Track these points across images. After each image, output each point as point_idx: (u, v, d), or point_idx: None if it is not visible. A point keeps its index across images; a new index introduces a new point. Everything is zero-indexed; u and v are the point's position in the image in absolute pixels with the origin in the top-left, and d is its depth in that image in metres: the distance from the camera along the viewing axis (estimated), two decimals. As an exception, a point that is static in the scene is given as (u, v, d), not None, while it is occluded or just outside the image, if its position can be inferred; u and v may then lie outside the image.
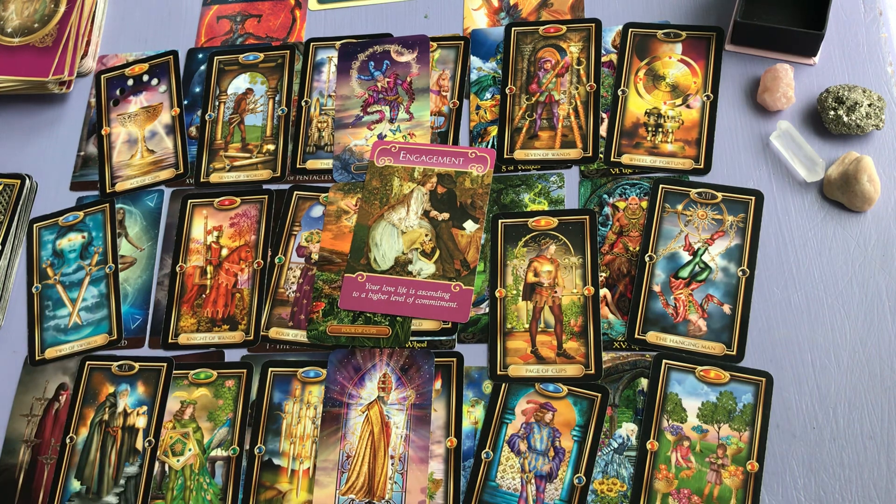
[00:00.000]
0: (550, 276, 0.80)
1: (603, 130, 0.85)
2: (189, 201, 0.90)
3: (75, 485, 0.80)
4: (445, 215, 0.84)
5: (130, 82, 0.99)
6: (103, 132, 0.96)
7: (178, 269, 0.87)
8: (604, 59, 0.88)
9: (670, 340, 0.76)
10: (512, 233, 0.82)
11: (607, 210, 0.82)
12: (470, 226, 0.83)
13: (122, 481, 0.79)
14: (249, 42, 0.98)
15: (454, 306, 0.80)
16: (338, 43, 0.95)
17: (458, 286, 0.81)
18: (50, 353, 0.87)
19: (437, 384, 0.78)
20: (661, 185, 0.81)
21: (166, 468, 0.79)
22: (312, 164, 0.90)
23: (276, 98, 0.94)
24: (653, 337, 0.76)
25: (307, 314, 0.82)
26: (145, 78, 0.98)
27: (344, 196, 0.87)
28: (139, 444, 0.81)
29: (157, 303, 0.87)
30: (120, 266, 0.89)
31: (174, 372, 0.83)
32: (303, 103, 0.93)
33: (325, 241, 0.85)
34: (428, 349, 0.79)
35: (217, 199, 0.90)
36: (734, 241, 0.78)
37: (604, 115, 0.86)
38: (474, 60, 0.91)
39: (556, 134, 0.86)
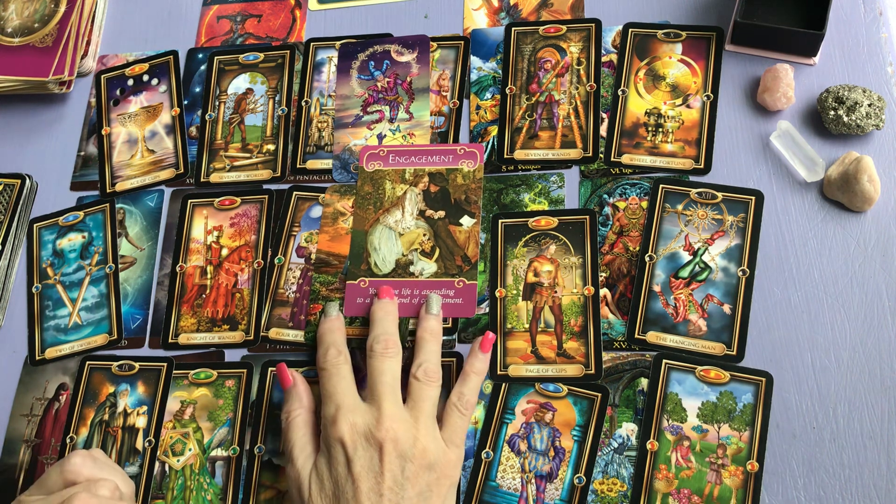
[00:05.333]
0: (550, 276, 0.80)
1: (603, 130, 0.85)
2: (189, 201, 0.90)
3: (75, 485, 0.80)
4: (441, 213, 0.84)
5: (130, 82, 0.99)
6: (103, 132, 0.97)
7: (178, 269, 0.87)
8: (604, 59, 0.88)
9: (670, 340, 0.76)
10: (512, 233, 0.82)
11: (607, 210, 0.82)
12: (467, 221, 0.83)
13: (122, 481, 0.79)
14: (249, 42, 0.99)
15: (460, 302, 0.80)
16: (338, 43, 0.95)
17: (462, 282, 0.81)
18: (50, 353, 0.87)
19: (437, 384, 0.78)
20: (661, 185, 0.81)
21: (166, 468, 0.80)
22: (312, 164, 0.90)
23: (277, 98, 0.94)
24: (653, 337, 0.76)
25: (307, 315, 0.82)
26: (145, 78, 0.98)
27: (340, 198, 0.87)
28: (139, 444, 0.81)
29: (157, 303, 0.87)
30: (120, 266, 0.89)
31: (174, 372, 0.83)
32: (303, 103, 0.93)
33: (321, 243, 0.85)
34: (428, 349, 0.79)
35: (217, 199, 0.90)
36: (734, 241, 0.78)
37: (604, 115, 0.86)
38: (474, 60, 0.91)
39: (556, 134, 0.86)
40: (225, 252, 0.87)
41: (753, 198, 0.79)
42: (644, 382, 0.75)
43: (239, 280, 0.86)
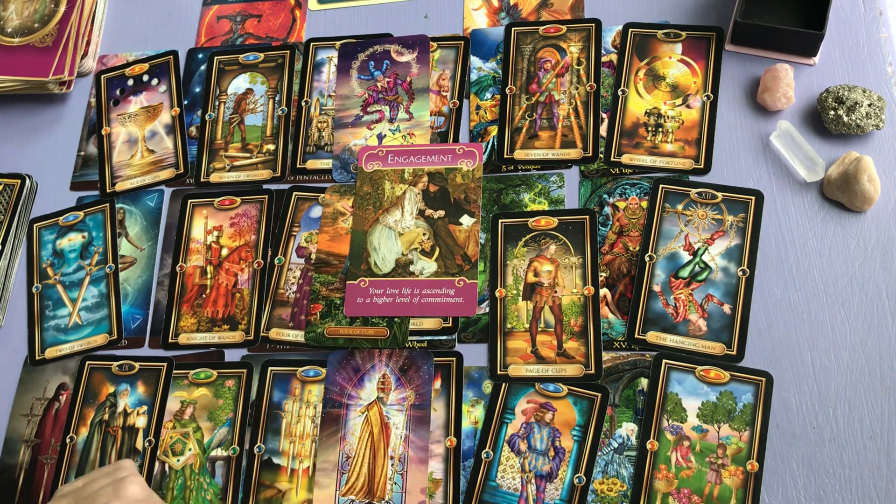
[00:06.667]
0: (550, 276, 0.80)
1: (603, 130, 0.85)
2: (189, 201, 0.90)
3: (75, 485, 0.80)
4: (441, 213, 0.84)
5: (130, 82, 0.99)
6: (103, 132, 0.97)
7: (178, 268, 0.87)
8: (604, 59, 0.88)
9: (670, 340, 0.76)
10: (512, 233, 0.82)
11: (607, 210, 0.82)
12: (466, 220, 0.83)
13: (122, 481, 0.79)
14: (249, 42, 0.99)
15: (460, 301, 0.80)
16: (338, 43, 0.95)
17: (462, 281, 0.81)
18: (50, 352, 0.87)
19: (437, 384, 0.78)
20: (661, 185, 0.81)
21: (166, 468, 0.79)
22: (312, 164, 0.90)
23: (276, 98, 0.94)
24: (653, 337, 0.76)
25: (307, 315, 0.82)
26: (145, 78, 0.98)
27: (340, 198, 0.87)
28: (139, 444, 0.81)
29: (157, 303, 0.87)
30: (120, 266, 0.89)
31: (174, 372, 0.83)
32: (303, 103, 0.93)
33: (321, 243, 0.85)
34: (427, 349, 0.79)
35: (217, 199, 0.90)
36: (734, 241, 0.78)
37: (604, 115, 0.86)
38: (474, 60, 0.91)
39: (556, 134, 0.86)
40: (225, 252, 0.87)
41: (753, 198, 0.79)
42: (644, 382, 0.75)
43: (239, 280, 0.86)
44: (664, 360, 0.75)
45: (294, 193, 0.88)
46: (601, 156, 0.84)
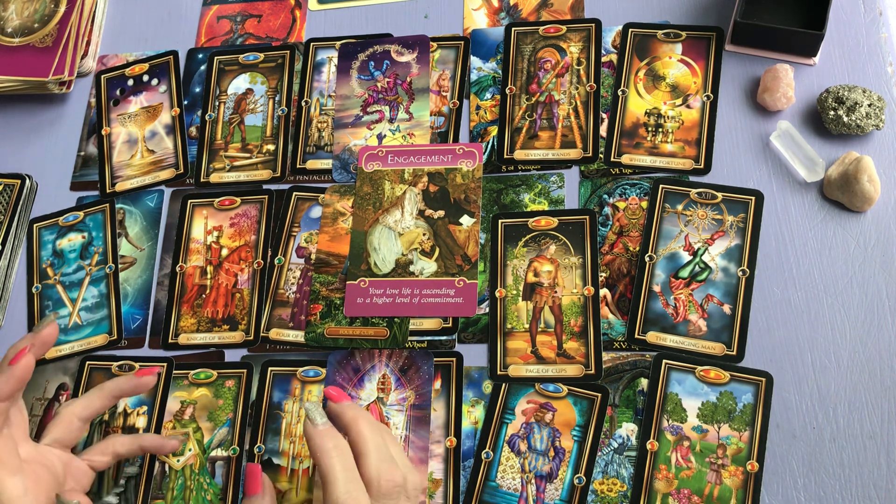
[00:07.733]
0: (550, 276, 0.80)
1: (603, 130, 0.85)
2: (189, 201, 0.90)
3: (75, 485, 0.80)
4: (441, 213, 0.84)
5: (130, 82, 0.99)
6: (103, 132, 0.97)
7: (178, 269, 0.87)
8: (604, 59, 0.88)
9: (670, 340, 0.76)
10: (512, 233, 0.82)
11: (607, 210, 0.82)
12: (466, 220, 0.83)
13: (122, 481, 0.79)
14: (249, 42, 0.99)
15: (461, 301, 0.80)
16: (338, 43, 0.95)
17: (462, 281, 0.81)
18: (50, 353, 0.87)
19: (437, 384, 0.78)
20: (661, 185, 0.81)
21: (166, 468, 0.79)
22: (312, 164, 0.90)
23: (276, 98, 0.94)
24: (653, 337, 0.76)
25: (307, 315, 0.82)
26: (145, 78, 0.98)
27: (340, 198, 0.87)
28: (139, 444, 0.81)
29: (157, 303, 0.87)
30: (120, 266, 0.89)
31: (174, 372, 0.83)
32: (303, 103, 0.93)
33: (321, 244, 0.85)
34: (427, 350, 0.79)
35: (217, 199, 0.90)
36: (734, 241, 0.78)
37: (604, 115, 0.86)
38: (474, 60, 0.91)
39: (556, 134, 0.86)
40: (225, 252, 0.87)
41: (753, 198, 0.79)
42: (644, 382, 0.75)
43: (239, 280, 0.86)
44: (664, 361, 0.75)
45: (294, 193, 0.88)
46: (601, 156, 0.84)
